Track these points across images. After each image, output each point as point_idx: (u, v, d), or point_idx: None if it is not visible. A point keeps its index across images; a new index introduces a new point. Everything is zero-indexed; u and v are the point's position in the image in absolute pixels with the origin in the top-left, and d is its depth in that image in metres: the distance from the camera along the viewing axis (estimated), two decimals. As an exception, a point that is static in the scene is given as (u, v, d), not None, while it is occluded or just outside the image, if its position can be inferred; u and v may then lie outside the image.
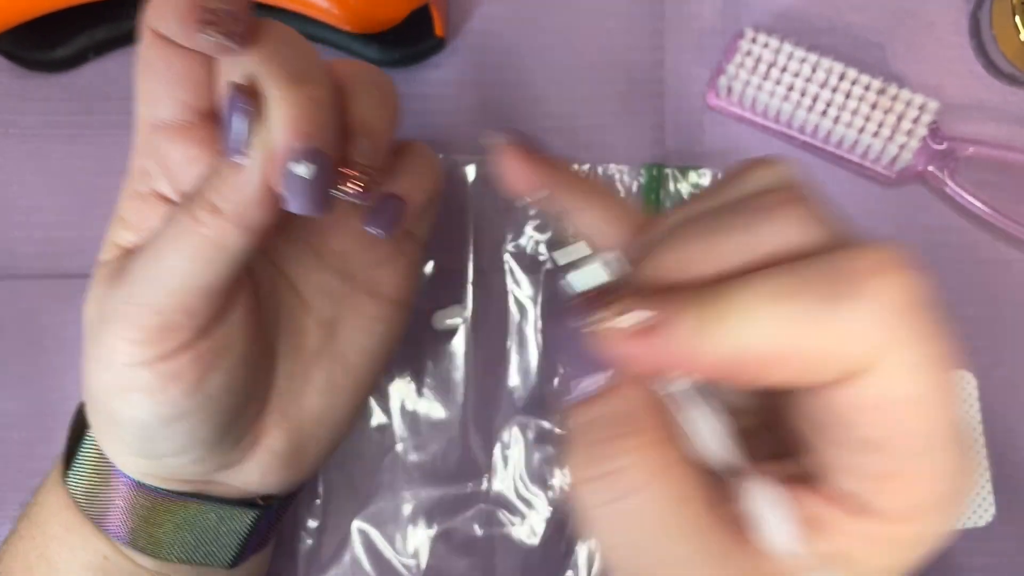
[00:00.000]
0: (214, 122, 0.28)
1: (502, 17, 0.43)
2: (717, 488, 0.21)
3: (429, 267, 0.42)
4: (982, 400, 0.42)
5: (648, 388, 0.21)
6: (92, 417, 0.30)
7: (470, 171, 0.42)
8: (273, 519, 0.35)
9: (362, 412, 0.36)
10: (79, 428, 0.32)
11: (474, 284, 0.42)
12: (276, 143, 0.25)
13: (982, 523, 0.41)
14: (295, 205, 0.25)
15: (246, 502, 0.33)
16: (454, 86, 0.43)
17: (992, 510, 0.41)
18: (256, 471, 0.32)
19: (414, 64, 0.43)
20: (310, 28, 0.41)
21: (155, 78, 0.27)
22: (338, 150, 0.27)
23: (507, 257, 0.42)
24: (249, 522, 0.33)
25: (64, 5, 0.40)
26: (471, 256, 0.42)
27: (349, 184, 0.27)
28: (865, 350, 0.18)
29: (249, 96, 0.25)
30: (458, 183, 0.42)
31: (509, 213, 0.42)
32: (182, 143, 0.28)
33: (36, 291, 0.43)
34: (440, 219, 0.42)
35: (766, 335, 0.18)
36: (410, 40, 0.42)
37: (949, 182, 0.41)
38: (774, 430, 0.23)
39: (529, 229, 0.42)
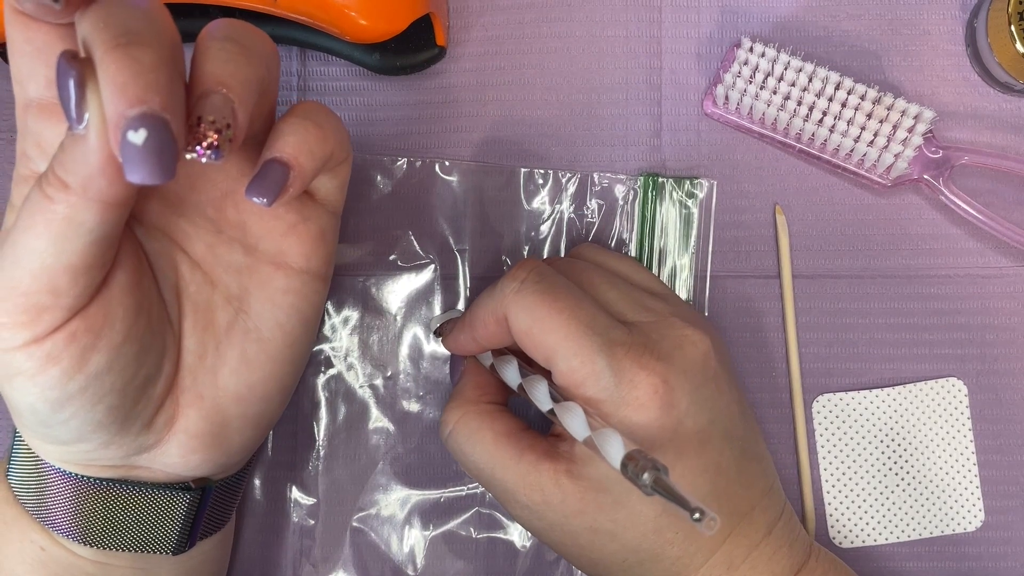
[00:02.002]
0: None
1: (502, 26, 0.44)
2: (524, 429, 0.36)
3: (428, 272, 0.43)
4: (972, 407, 0.42)
5: (483, 369, 0.38)
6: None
7: (469, 179, 0.43)
8: (215, 502, 0.35)
9: (293, 387, 0.36)
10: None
11: (471, 290, 0.43)
12: (106, 111, 0.23)
13: (971, 529, 0.42)
14: (135, 174, 0.23)
15: (177, 486, 0.33)
16: (454, 95, 0.44)
17: (981, 516, 0.42)
18: (176, 453, 0.31)
19: (415, 73, 0.43)
20: (312, 37, 0.42)
21: (19, 55, 0.26)
22: (182, 112, 0.25)
23: (505, 263, 0.43)
24: (184, 506, 0.33)
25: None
26: (468, 262, 0.43)
27: (201, 145, 0.25)
28: (499, 311, 0.35)
29: (75, 61, 0.23)
30: (457, 190, 0.43)
31: (507, 220, 0.43)
32: (51, 121, 0.27)
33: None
34: (437, 226, 0.43)
35: (476, 325, 0.36)
36: (412, 49, 0.42)
37: (944, 190, 0.42)
38: None
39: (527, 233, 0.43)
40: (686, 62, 0.44)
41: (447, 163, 0.43)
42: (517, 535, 0.42)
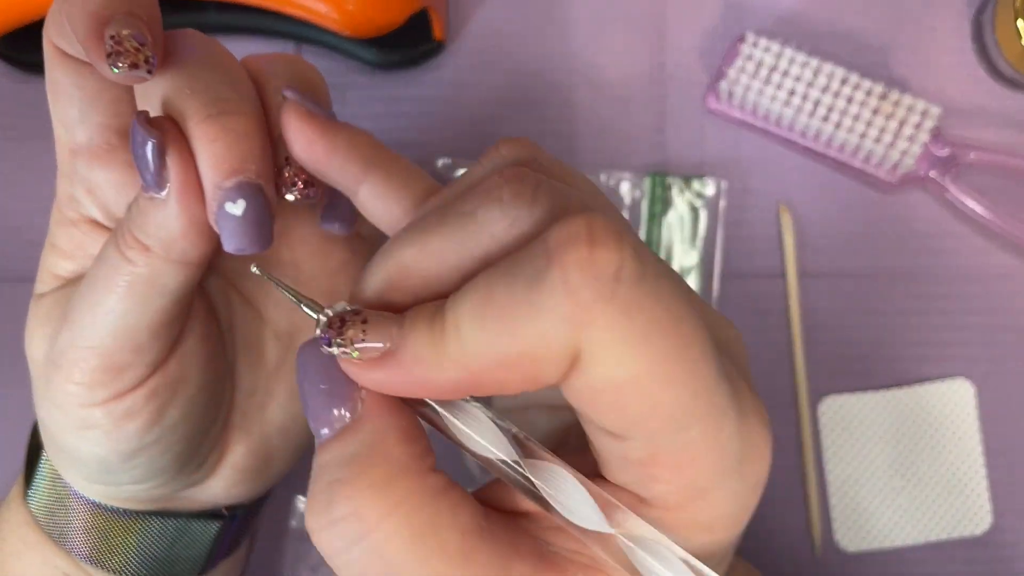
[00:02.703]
0: None
1: (501, 20, 0.43)
2: (503, 506, 0.21)
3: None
4: (980, 407, 0.42)
5: (405, 408, 0.20)
6: (48, 448, 0.29)
7: (469, 175, 0.42)
8: (241, 525, 0.35)
9: None
10: (36, 446, 0.31)
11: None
12: (204, 182, 0.23)
13: (979, 531, 0.41)
14: (234, 244, 0.23)
15: (209, 513, 0.32)
16: (453, 89, 0.43)
17: (989, 518, 0.41)
18: (221, 486, 0.31)
19: (413, 67, 0.42)
20: (309, 32, 0.41)
21: (67, 100, 0.25)
22: (272, 172, 0.24)
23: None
24: (213, 533, 0.33)
25: (62, 8, 0.40)
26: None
27: (297, 187, 0.25)
28: (564, 340, 0.17)
29: (155, 129, 0.23)
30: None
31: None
32: (104, 168, 0.26)
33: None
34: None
35: (482, 348, 0.18)
36: (409, 43, 0.42)
37: (951, 188, 0.41)
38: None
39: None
40: (689, 57, 0.43)
41: (449, 161, 0.42)
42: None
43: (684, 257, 0.42)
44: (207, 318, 0.29)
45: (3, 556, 0.31)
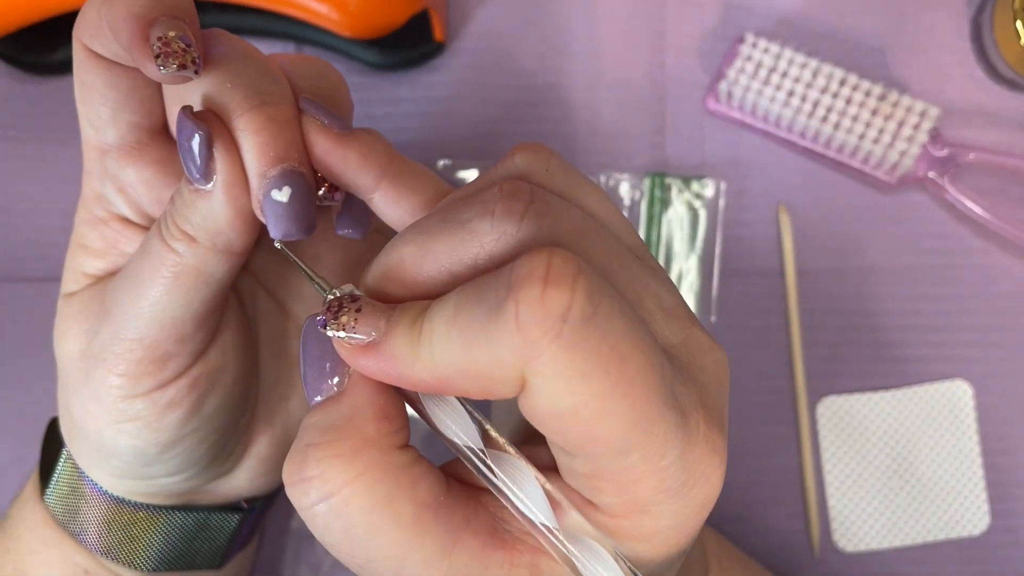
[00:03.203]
0: (166, 139, 0.27)
1: (501, 21, 0.43)
2: (461, 489, 0.22)
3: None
4: (978, 409, 0.42)
5: (387, 388, 0.22)
6: (76, 444, 0.30)
7: (470, 176, 0.42)
8: (257, 518, 0.35)
9: None
10: (54, 445, 0.32)
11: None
12: (248, 170, 0.24)
13: (977, 532, 0.41)
14: (280, 230, 0.24)
15: (230, 506, 0.33)
16: (453, 90, 0.43)
17: (987, 519, 0.41)
18: (244, 478, 0.32)
19: (413, 68, 0.42)
20: (309, 32, 0.41)
21: (99, 100, 0.26)
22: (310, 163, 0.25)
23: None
24: (234, 525, 0.33)
25: (63, 9, 0.40)
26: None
27: (325, 189, 0.25)
28: (513, 368, 0.19)
29: (203, 122, 0.23)
30: (458, 188, 0.42)
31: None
32: (135, 166, 0.26)
33: (35, 294, 0.43)
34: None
35: (448, 359, 0.19)
36: (409, 44, 0.42)
37: (949, 188, 0.41)
38: None
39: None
40: (689, 58, 0.43)
41: (449, 162, 0.42)
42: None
43: (683, 258, 0.42)
44: (239, 310, 0.30)
45: (20, 555, 0.32)
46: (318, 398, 0.22)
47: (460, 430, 0.22)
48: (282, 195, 0.23)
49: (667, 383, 0.20)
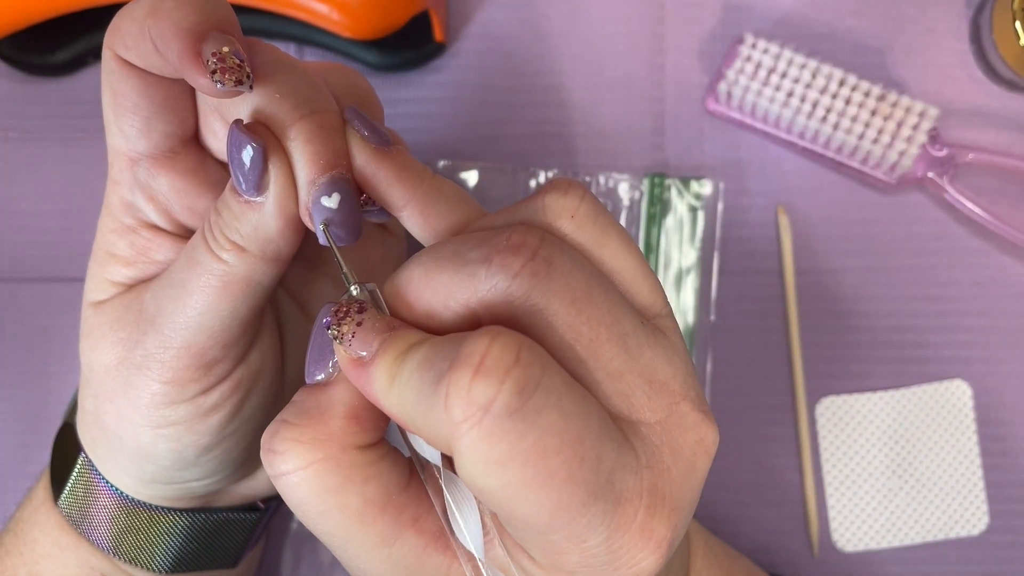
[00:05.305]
0: (197, 147, 0.27)
1: (502, 22, 0.43)
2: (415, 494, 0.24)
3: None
4: (977, 409, 0.42)
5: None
6: (102, 450, 0.30)
7: (471, 176, 0.42)
8: (270, 517, 0.36)
9: None
10: (69, 449, 0.32)
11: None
12: (299, 178, 0.24)
13: (976, 532, 0.41)
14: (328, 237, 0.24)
15: (247, 507, 0.33)
16: (454, 91, 0.43)
17: (986, 519, 0.41)
18: (264, 478, 0.32)
19: (414, 69, 0.42)
20: (310, 33, 0.41)
21: (131, 110, 0.26)
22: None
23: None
24: (251, 525, 0.34)
25: (64, 10, 0.40)
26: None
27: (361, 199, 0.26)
28: (444, 438, 0.20)
29: (257, 135, 0.23)
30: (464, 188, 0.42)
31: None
32: (167, 175, 0.27)
33: (37, 294, 0.43)
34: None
35: (404, 407, 0.21)
36: (410, 45, 0.42)
37: (948, 188, 0.41)
38: None
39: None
40: (689, 59, 0.43)
41: (450, 163, 0.42)
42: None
43: (683, 258, 0.42)
44: (272, 313, 0.30)
45: (35, 558, 0.32)
46: (319, 376, 0.23)
47: (425, 450, 0.23)
48: (331, 201, 0.24)
49: (600, 473, 0.20)
